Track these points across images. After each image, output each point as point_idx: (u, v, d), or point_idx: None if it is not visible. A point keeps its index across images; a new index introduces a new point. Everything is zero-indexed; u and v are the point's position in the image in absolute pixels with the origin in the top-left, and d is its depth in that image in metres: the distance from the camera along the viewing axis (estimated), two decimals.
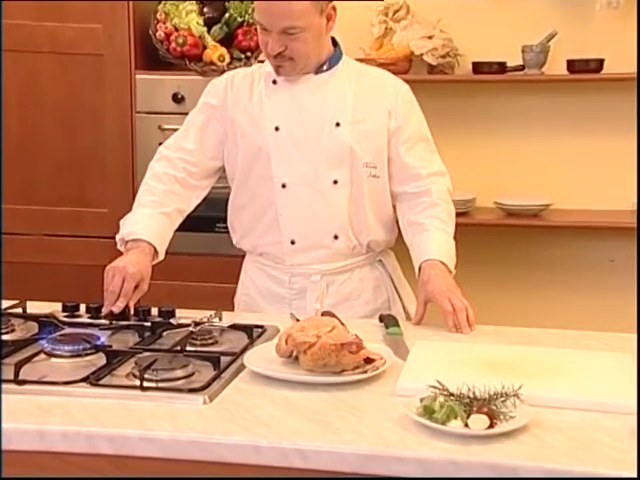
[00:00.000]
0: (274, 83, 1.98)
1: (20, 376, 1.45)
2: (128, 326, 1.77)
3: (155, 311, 1.84)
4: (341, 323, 1.62)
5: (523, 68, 3.03)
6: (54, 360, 1.56)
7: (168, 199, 1.96)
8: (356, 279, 2.03)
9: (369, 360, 1.52)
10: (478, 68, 3.03)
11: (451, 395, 1.32)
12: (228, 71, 2.09)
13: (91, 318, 1.82)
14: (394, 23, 3.10)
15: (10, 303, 1.86)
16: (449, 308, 1.82)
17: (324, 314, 1.82)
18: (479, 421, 1.27)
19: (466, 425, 1.27)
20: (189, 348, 1.62)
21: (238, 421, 1.32)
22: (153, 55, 3.07)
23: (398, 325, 1.80)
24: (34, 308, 1.85)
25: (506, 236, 3.20)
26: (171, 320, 1.78)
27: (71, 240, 3.14)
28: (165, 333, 1.74)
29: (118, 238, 1.92)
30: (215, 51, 2.99)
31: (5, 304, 1.85)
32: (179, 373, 1.47)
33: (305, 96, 1.96)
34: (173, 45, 3.02)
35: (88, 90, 3.08)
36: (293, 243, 1.98)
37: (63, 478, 1.30)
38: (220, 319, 1.78)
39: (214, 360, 1.52)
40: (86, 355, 1.57)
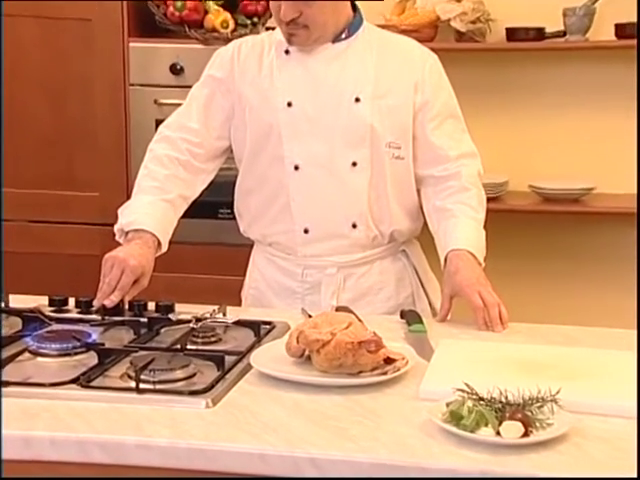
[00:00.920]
0: (286, 53, 1.98)
1: (2, 377, 1.46)
2: (122, 322, 1.78)
3: (152, 306, 1.86)
4: (358, 319, 1.63)
5: (564, 34, 3.01)
6: (40, 359, 1.58)
7: (171, 184, 1.98)
8: (376, 272, 2.04)
9: (389, 360, 1.53)
10: (512, 35, 3.02)
11: (481, 399, 1.33)
12: (233, 39, 2.10)
13: (81, 313, 1.83)
14: None
15: None
16: (479, 303, 1.82)
17: (339, 309, 1.83)
18: (512, 429, 1.28)
19: (498, 433, 1.28)
20: (190, 346, 1.63)
21: (244, 427, 1.33)
22: (148, 21, 3.08)
23: (421, 322, 1.81)
24: (17, 302, 1.87)
25: (542, 224, 3.20)
26: (170, 316, 1.79)
27: (58, 227, 3.16)
28: (163, 330, 1.75)
29: (117, 228, 1.94)
30: (218, 16, 2.99)
31: None
32: (179, 374, 1.48)
33: (321, 68, 1.96)
34: (171, 9, 3.02)
35: (75, 60, 3.09)
36: (306, 232, 1.99)
37: None
38: (224, 314, 1.79)
39: (217, 360, 1.53)
40: (76, 354, 1.59)
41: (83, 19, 3.05)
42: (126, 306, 1.84)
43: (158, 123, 2.11)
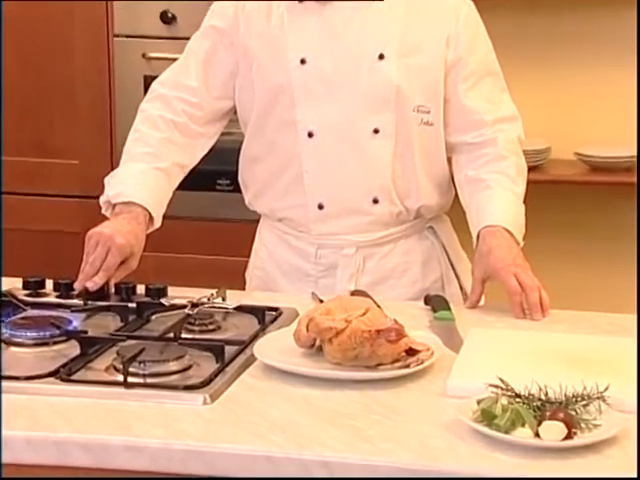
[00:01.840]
0: (300, 1, 1.98)
1: None
2: (108, 307, 1.80)
3: (142, 289, 1.87)
4: (376, 305, 1.64)
5: None
6: (14, 349, 1.59)
7: (166, 151, 1.98)
8: (400, 252, 2.05)
9: (412, 352, 1.54)
10: None
11: (517, 396, 1.33)
12: None
13: (60, 297, 1.85)
14: None
15: None
16: (516, 286, 1.83)
17: (354, 293, 1.85)
18: (553, 429, 1.28)
19: (537, 434, 1.29)
20: (185, 335, 1.65)
21: (247, 426, 1.35)
22: None
23: (449, 308, 1.82)
24: None
25: (589, 196, 3.20)
26: (162, 300, 1.81)
27: (33, 199, 3.18)
28: (154, 316, 1.76)
29: (103, 201, 1.95)
30: None
31: None
32: (172, 366, 1.50)
33: (340, 19, 1.95)
34: None
35: (52, 7, 3.10)
36: (321, 208, 2.00)
37: None
38: (223, 299, 1.81)
39: (216, 350, 1.54)
40: (54, 343, 1.61)
41: None
42: (112, 289, 1.86)
43: (147, 80, 2.13)
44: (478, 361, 1.55)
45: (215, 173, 2.91)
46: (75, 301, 1.82)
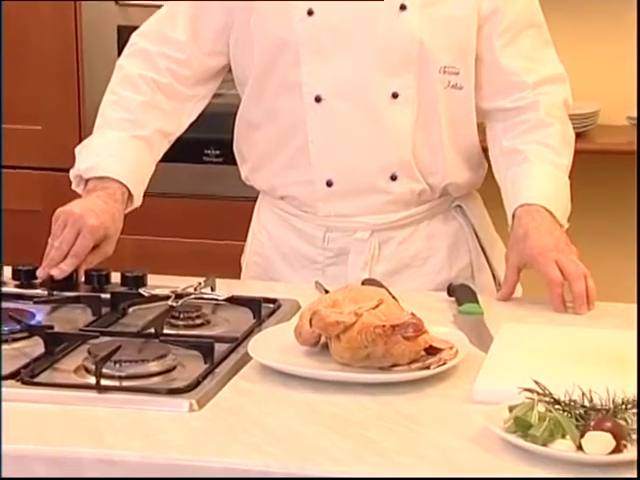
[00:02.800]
0: None
1: None
2: (77, 298, 1.81)
3: (117, 277, 1.88)
4: (392, 296, 1.65)
5: None
6: None
7: (147, 117, 1.99)
8: (423, 236, 2.07)
9: (433, 350, 1.55)
10: None
11: (556, 402, 1.34)
12: None
13: (21, 287, 1.87)
14: None
15: None
16: (556, 275, 1.84)
17: (365, 283, 1.86)
18: (599, 441, 1.29)
19: (579, 447, 1.29)
20: (167, 331, 1.66)
21: (240, 436, 1.36)
22: None
23: (476, 300, 1.84)
24: None
25: None
26: (141, 290, 1.82)
27: None
28: (132, 309, 1.78)
29: (73, 174, 1.96)
30: None
31: None
32: (153, 367, 1.51)
33: None
34: None
35: None
36: (330, 185, 2.01)
37: None
38: (213, 289, 1.82)
39: (205, 348, 1.56)
40: (15, 340, 1.62)
41: None
42: (81, 278, 1.87)
43: (121, 32, 2.13)
44: (510, 361, 1.57)
45: (203, 142, 2.92)
46: (38, 291, 1.84)
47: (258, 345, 1.59)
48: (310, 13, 1.95)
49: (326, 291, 1.82)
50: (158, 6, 2.08)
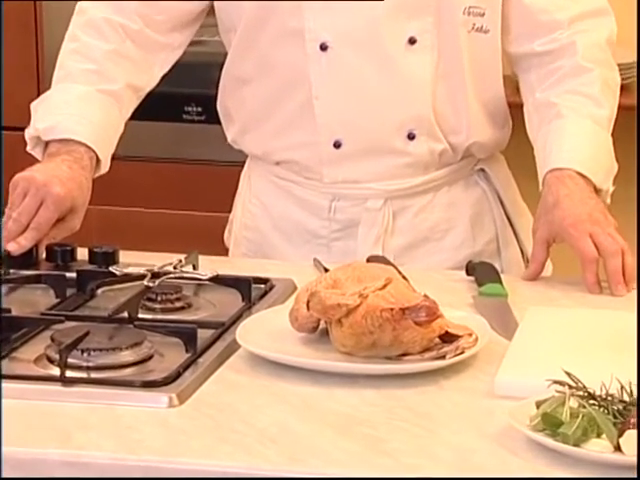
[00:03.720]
0: None
1: None
2: (38, 278, 1.81)
3: (84, 253, 1.89)
4: (401, 276, 1.66)
5: None
6: None
7: (115, 68, 2.00)
8: (442, 204, 2.08)
9: (449, 337, 1.56)
10: None
11: (591, 397, 1.35)
12: None
13: None
14: None
15: None
16: (590, 250, 1.85)
17: (371, 260, 1.86)
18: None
19: (617, 448, 1.30)
20: (143, 315, 1.67)
21: (227, 435, 1.37)
22: None
23: (500, 280, 1.85)
24: None
25: None
26: (112, 269, 1.82)
27: None
28: (101, 290, 1.79)
29: (30, 135, 1.96)
30: None
31: None
32: (127, 356, 1.52)
33: None
34: None
35: None
36: (338, 146, 2.01)
37: None
38: (195, 267, 1.83)
39: (186, 335, 1.56)
40: None
41: None
42: (43, 254, 1.88)
43: None
44: (538, 350, 1.58)
45: (181, 98, 2.91)
46: None
47: (248, 331, 1.60)
48: None
49: (326, 269, 1.83)
50: None
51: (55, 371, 1.49)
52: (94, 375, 1.50)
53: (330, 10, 1.95)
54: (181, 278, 1.78)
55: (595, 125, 1.98)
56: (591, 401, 1.34)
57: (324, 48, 1.97)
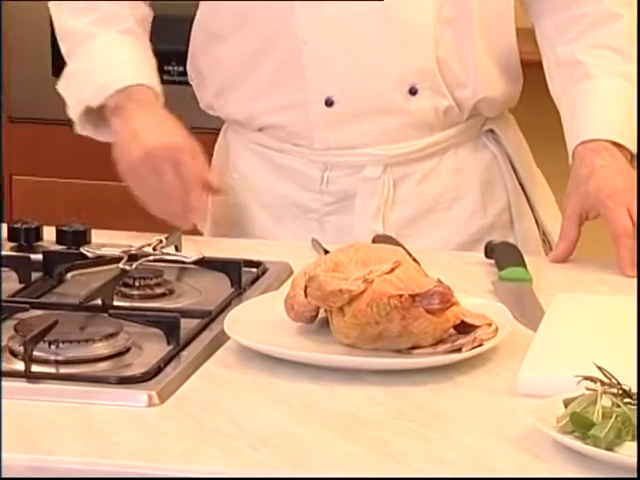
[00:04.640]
0: None
1: None
2: None
3: (51, 232, 1.91)
4: (412, 258, 1.68)
5: None
6: None
7: (116, 7, 2.03)
8: (449, 170, 2.10)
9: (465, 327, 1.58)
10: None
11: (626, 395, 1.36)
12: None
13: None
14: None
15: None
16: (626, 225, 1.87)
17: (377, 240, 1.88)
18: None
19: None
20: (119, 303, 1.70)
21: (213, 438, 1.38)
22: None
23: (523, 263, 1.87)
24: None
25: None
26: (83, 250, 1.84)
27: None
28: (71, 275, 1.81)
29: (77, 113, 1.98)
30: None
31: None
32: (100, 349, 1.54)
33: None
34: None
35: None
36: (330, 104, 2.03)
37: None
38: (177, 248, 1.86)
39: (168, 325, 1.58)
40: None
41: None
42: (3, 233, 1.90)
43: None
44: (566, 342, 1.59)
45: (163, 55, 2.92)
46: None
47: (237, 321, 1.62)
48: None
49: (326, 251, 1.85)
50: None
51: (19, 366, 1.50)
52: (63, 370, 1.51)
53: None
54: (162, 261, 1.80)
55: (626, 83, 2.00)
56: (626, 399, 1.35)
57: None
